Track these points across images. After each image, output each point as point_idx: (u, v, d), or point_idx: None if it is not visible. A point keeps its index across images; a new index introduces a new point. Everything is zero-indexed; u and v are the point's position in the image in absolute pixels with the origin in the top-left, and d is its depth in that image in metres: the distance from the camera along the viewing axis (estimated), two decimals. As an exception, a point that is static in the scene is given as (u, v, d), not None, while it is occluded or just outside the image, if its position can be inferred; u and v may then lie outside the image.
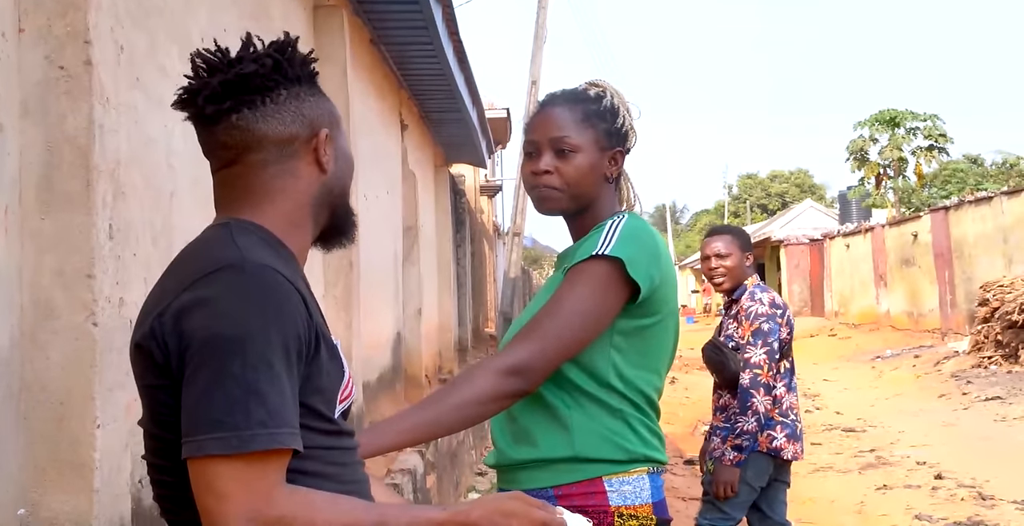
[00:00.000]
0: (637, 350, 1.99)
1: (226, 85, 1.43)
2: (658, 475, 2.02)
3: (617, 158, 2.12)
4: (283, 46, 1.48)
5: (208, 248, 1.41)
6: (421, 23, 6.92)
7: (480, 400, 1.90)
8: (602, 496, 1.94)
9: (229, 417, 1.25)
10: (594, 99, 2.12)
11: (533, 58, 18.43)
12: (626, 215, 2.07)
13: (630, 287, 1.94)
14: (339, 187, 1.55)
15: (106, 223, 2.65)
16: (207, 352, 1.28)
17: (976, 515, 6.59)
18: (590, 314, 1.93)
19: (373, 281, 6.98)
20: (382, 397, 7.32)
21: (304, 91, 1.49)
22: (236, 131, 1.45)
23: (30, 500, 2.54)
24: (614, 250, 1.95)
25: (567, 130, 2.08)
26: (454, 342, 12.97)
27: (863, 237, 27.06)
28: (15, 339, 2.54)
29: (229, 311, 1.29)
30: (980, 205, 19.35)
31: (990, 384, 13.20)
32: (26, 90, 2.58)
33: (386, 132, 8.12)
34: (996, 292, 15.62)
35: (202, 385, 1.27)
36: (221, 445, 1.25)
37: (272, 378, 1.28)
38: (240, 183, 1.48)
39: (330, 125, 1.53)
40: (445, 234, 12.54)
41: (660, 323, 2.02)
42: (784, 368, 4.29)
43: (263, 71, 1.44)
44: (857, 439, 10.15)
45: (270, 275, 1.34)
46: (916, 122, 35.04)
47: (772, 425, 4.25)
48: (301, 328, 1.34)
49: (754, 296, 4.28)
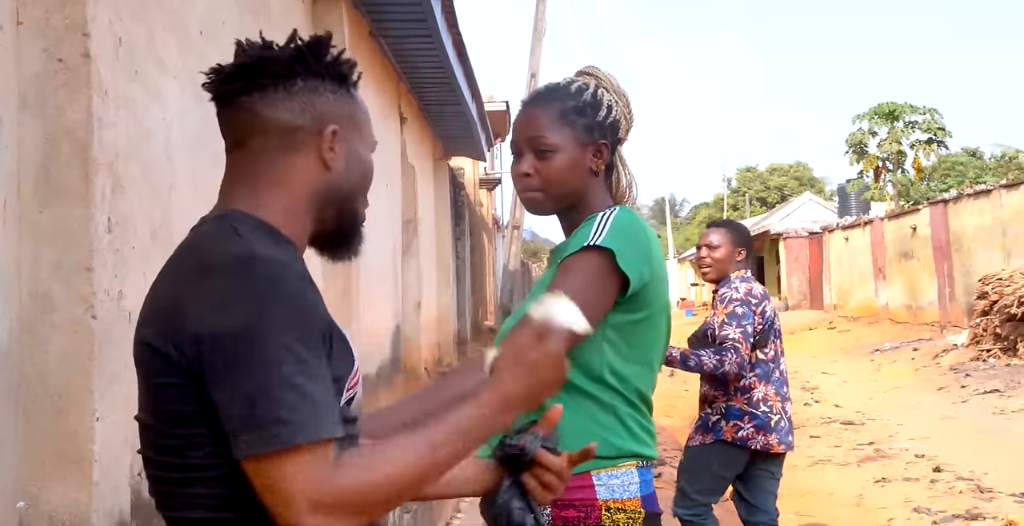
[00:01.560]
0: (629, 344, 1.98)
1: (242, 68, 1.44)
2: (648, 469, 2.01)
3: (602, 151, 2.08)
4: (316, 41, 1.48)
5: (214, 242, 1.40)
6: (420, 15, 6.91)
7: None
8: (590, 490, 1.94)
9: (274, 413, 1.25)
10: (574, 94, 2.09)
11: (532, 51, 18.42)
12: (617, 208, 2.04)
13: (620, 279, 1.93)
14: (347, 189, 1.52)
15: (105, 216, 2.65)
16: (235, 351, 1.27)
17: (974, 508, 6.60)
18: (585, 306, 1.88)
19: (372, 274, 6.98)
20: (381, 389, 7.33)
21: (325, 87, 1.48)
22: (243, 113, 1.45)
23: (29, 493, 2.55)
24: (605, 241, 1.93)
25: (544, 130, 2.06)
26: (453, 335, 12.98)
27: (862, 230, 27.07)
28: (14, 332, 2.54)
29: (249, 307, 1.28)
30: (979, 198, 19.35)
31: (988, 377, 13.21)
32: (24, 83, 2.58)
33: (385, 125, 8.11)
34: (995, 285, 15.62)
35: (238, 384, 1.26)
36: (275, 440, 1.25)
37: (303, 368, 1.28)
38: (243, 166, 1.48)
39: (346, 126, 1.50)
40: (444, 227, 12.53)
41: (650, 318, 2.00)
42: (756, 358, 4.38)
43: (283, 58, 1.44)
44: (856, 432, 10.16)
45: (282, 266, 1.34)
46: (915, 115, 35.06)
47: (739, 415, 4.35)
48: (323, 316, 1.36)
49: (731, 284, 4.46)
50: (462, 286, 14.42)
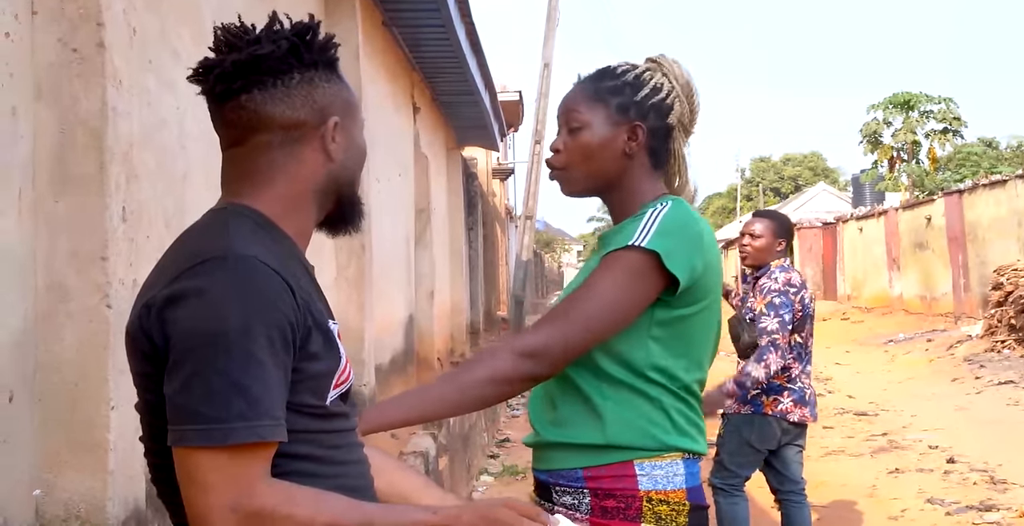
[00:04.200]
0: (678, 339, 1.92)
1: (238, 65, 1.42)
2: (695, 461, 1.95)
3: (636, 131, 1.99)
4: (304, 29, 1.47)
5: (200, 237, 1.41)
6: (433, 5, 6.90)
7: (494, 380, 1.86)
8: (631, 479, 1.88)
9: (210, 409, 1.26)
10: (617, 74, 2.03)
11: (546, 41, 18.37)
12: (669, 202, 1.96)
13: (666, 278, 1.87)
14: (346, 177, 1.53)
15: (119, 205, 2.66)
16: (190, 344, 1.28)
17: (988, 499, 6.58)
18: (618, 305, 1.87)
19: (385, 263, 6.98)
20: (394, 379, 7.34)
21: (319, 77, 1.47)
22: (243, 111, 1.44)
23: (45, 481, 2.56)
24: (650, 243, 1.87)
25: (577, 106, 2.02)
26: (466, 325, 12.99)
27: (876, 221, 26.93)
28: (29, 321, 2.55)
29: (212, 303, 1.29)
30: (994, 189, 19.21)
31: (1003, 368, 13.15)
32: (39, 72, 2.58)
33: (398, 114, 8.10)
34: (1010, 276, 15.53)
35: (185, 376, 1.28)
36: (202, 436, 1.26)
37: (254, 370, 1.28)
38: (244, 163, 1.47)
39: (343, 113, 1.50)
40: (457, 217, 12.53)
41: (704, 311, 1.95)
42: (795, 342, 4.67)
43: (278, 53, 1.43)
44: (869, 423, 10.13)
45: (254, 266, 1.33)
46: (930, 105, 34.88)
47: (779, 390, 4.64)
48: (289, 316, 1.33)
49: (771, 275, 4.71)
50: (475, 276, 14.43)
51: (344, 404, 1.48)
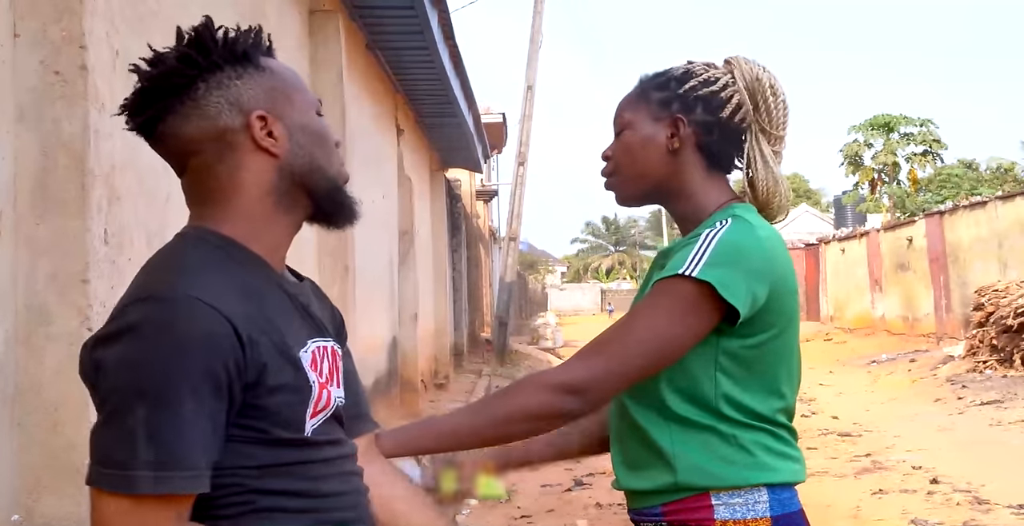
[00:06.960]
0: (749, 370, 1.78)
1: (143, 94, 1.36)
2: (783, 488, 1.79)
3: (678, 125, 1.82)
4: (198, 31, 1.38)
5: (152, 270, 1.35)
6: (417, 28, 6.93)
7: (529, 416, 1.74)
8: (708, 510, 1.76)
9: (119, 453, 1.21)
10: (664, 71, 1.89)
11: (529, 63, 18.45)
12: (730, 220, 1.78)
13: (724, 308, 1.70)
14: (302, 166, 1.40)
15: (101, 228, 2.65)
16: (113, 384, 1.24)
17: (972, 520, 6.59)
18: (666, 339, 1.72)
19: (368, 285, 6.97)
20: (378, 402, 7.31)
21: (228, 76, 1.37)
22: (169, 139, 1.37)
23: (24, 505, 2.54)
24: (702, 273, 1.69)
25: (623, 108, 1.90)
26: (450, 347, 12.96)
27: (858, 242, 27.09)
28: (9, 344, 2.53)
29: (138, 347, 1.24)
30: (975, 210, 19.38)
31: (985, 389, 13.20)
32: (21, 95, 2.58)
33: (381, 136, 8.11)
34: (991, 297, 15.62)
35: (105, 415, 1.24)
36: (106, 480, 1.22)
37: (174, 419, 1.22)
38: (195, 188, 1.40)
39: (270, 102, 1.38)
40: (441, 239, 12.54)
41: (778, 337, 1.80)
42: None
43: (172, 68, 1.35)
44: (853, 444, 10.14)
45: (190, 307, 1.25)
46: (910, 127, 35.19)
47: None
48: (225, 359, 1.26)
49: None
50: (459, 298, 14.41)
51: (336, 430, 1.41)
